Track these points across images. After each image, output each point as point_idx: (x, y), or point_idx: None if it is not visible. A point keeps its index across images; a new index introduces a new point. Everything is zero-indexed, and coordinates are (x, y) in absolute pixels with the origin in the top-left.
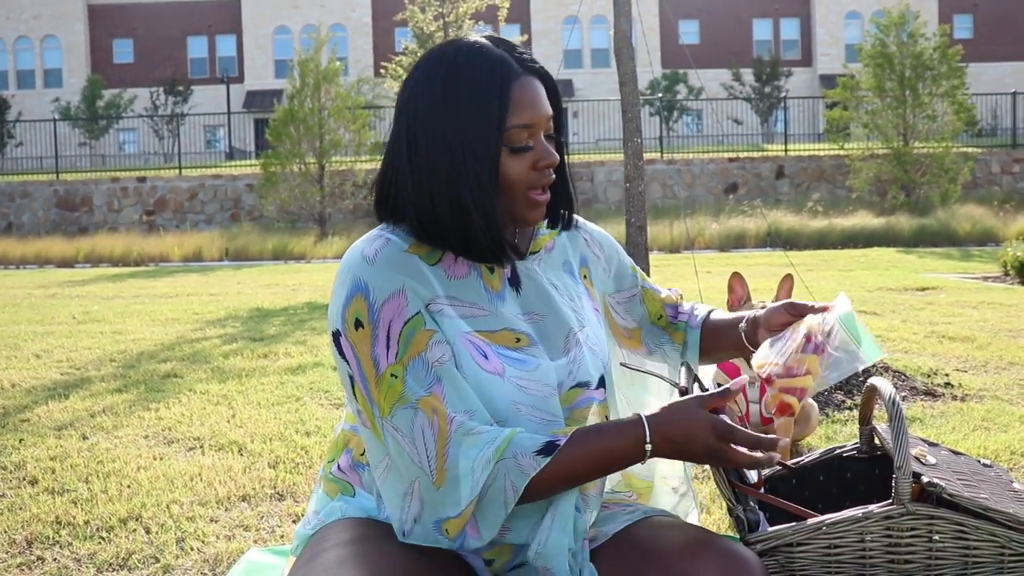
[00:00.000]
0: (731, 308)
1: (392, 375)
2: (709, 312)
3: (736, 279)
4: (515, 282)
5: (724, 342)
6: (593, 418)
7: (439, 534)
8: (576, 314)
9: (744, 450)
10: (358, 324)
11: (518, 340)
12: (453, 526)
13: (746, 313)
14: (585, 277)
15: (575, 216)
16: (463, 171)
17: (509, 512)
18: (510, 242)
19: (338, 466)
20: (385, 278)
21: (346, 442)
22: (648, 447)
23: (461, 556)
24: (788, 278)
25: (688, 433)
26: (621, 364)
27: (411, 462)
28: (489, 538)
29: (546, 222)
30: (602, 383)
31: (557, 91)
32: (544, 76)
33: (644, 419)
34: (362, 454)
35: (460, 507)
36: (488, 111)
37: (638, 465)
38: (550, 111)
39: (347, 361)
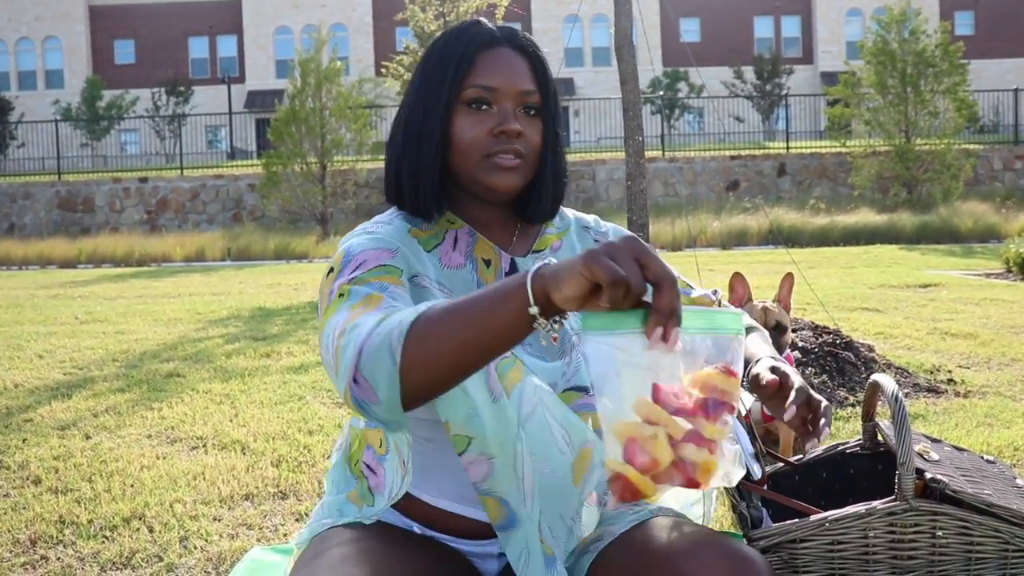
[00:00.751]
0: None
1: (340, 294)
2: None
3: (737, 279)
4: None
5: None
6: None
7: (352, 409)
8: (575, 316)
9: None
10: (331, 271)
11: None
12: (347, 395)
13: (753, 359)
14: None
15: (561, 207)
16: (416, 122)
17: (398, 365)
18: (432, 197)
19: (366, 465)
20: (376, 241)
21: (364, 438)
22: (530, 278)
23: (469, 559)
24: (788, 277)
25: (574, 258)
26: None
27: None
28: (388, 401)
29: (555, 221)
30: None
31: (548, 76)
32: (534, 58)
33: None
34: (380, 445)
35: (348, 368)
36: (448, 66)
37: None
38: (525, 86)
39: (319, 316)
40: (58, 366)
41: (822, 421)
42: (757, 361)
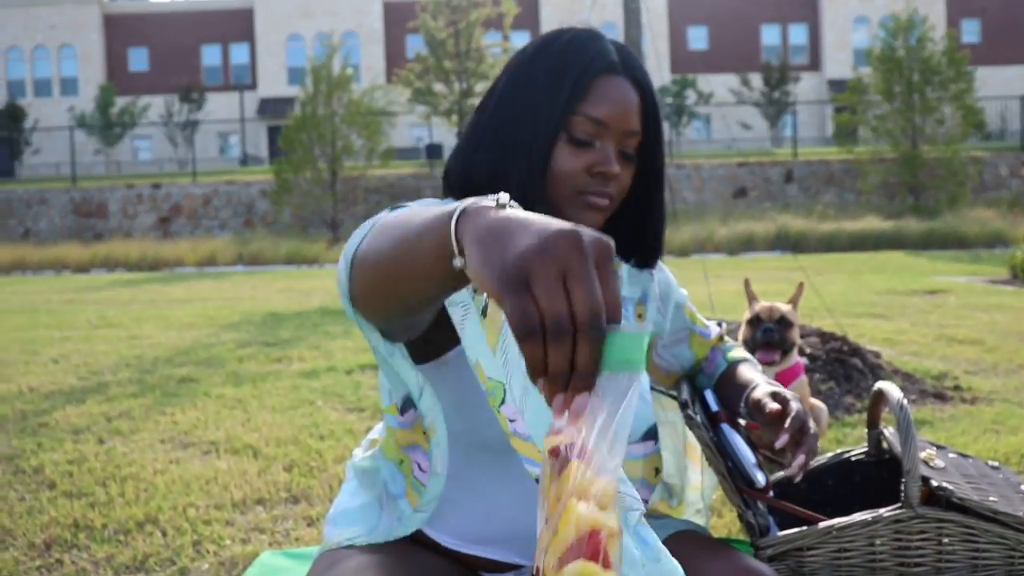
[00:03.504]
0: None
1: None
2: (729, 367)
3: (746, 285)
4: None
5: (731, 406)
6: (638, 473)
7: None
8: None
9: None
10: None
11: None
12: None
13: (753, 384)
14: (640, 316)
15: (658, 260)
16: (519, 139)
17: (349, 261)
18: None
19: (419, 466)
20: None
21: (410, 438)
22: (453, 223)
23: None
24: (801, 285)
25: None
26: None
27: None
28: (343, 293)
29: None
30: (651, 435)
31: (657, 114)
32: (647, 96)
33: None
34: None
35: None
36: (561, 86)
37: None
38: (633, 126)
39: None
40: (72, 371)
41: (800, 458)
42: (755, 387)
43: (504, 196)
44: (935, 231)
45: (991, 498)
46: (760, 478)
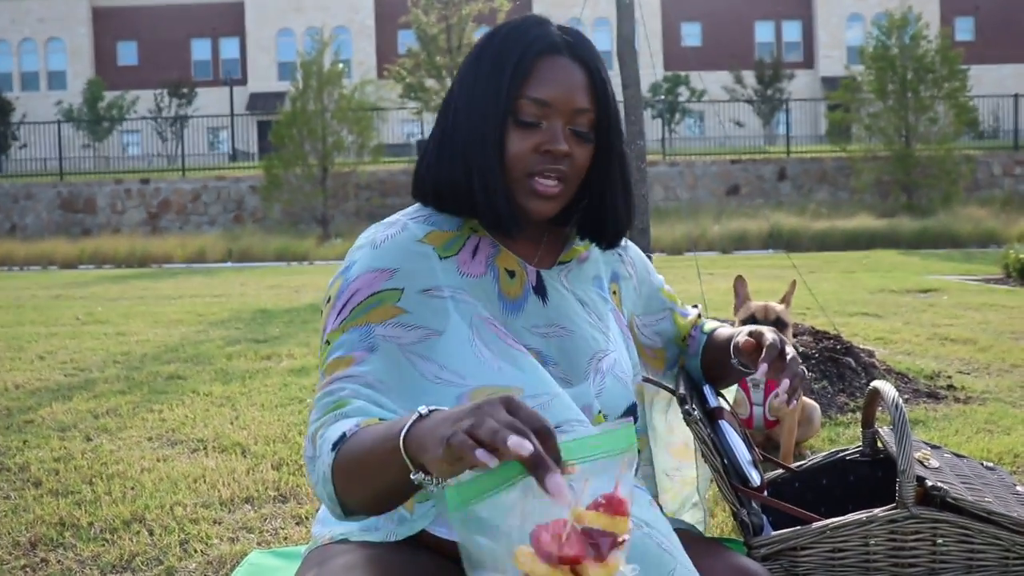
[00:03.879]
0: (737, 310)
1: (327, 341)
2: (708, 336)
3: (739, 282)
4: (541, 291)
5: (723, 370)
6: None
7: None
8: (603, 335)
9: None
10: (328, 299)
11: None
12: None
13: (735, 333)
14: (615, 294)
15: (623, 239)
16: (475, 132)
17: (337, 503)
18: (508, 210)
19: None
20: (377, 258)
21: None
22: (414, 417)
23: None
24: (793, 283)
25: (440, 418)
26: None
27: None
28: (342, 520)
29: (583, 240)
30: (630, 413)
31: (607, 91)
32: (594, 71)
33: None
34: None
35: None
36: (503, 73)
37: (670, 485)
38: (580, 103)
39: None
40: (59, 367)
41: (785, 382)
42: (735, 336)
43: (423, 408)
44: (928, 230)
45: (986, 499)
46: (755, 477)
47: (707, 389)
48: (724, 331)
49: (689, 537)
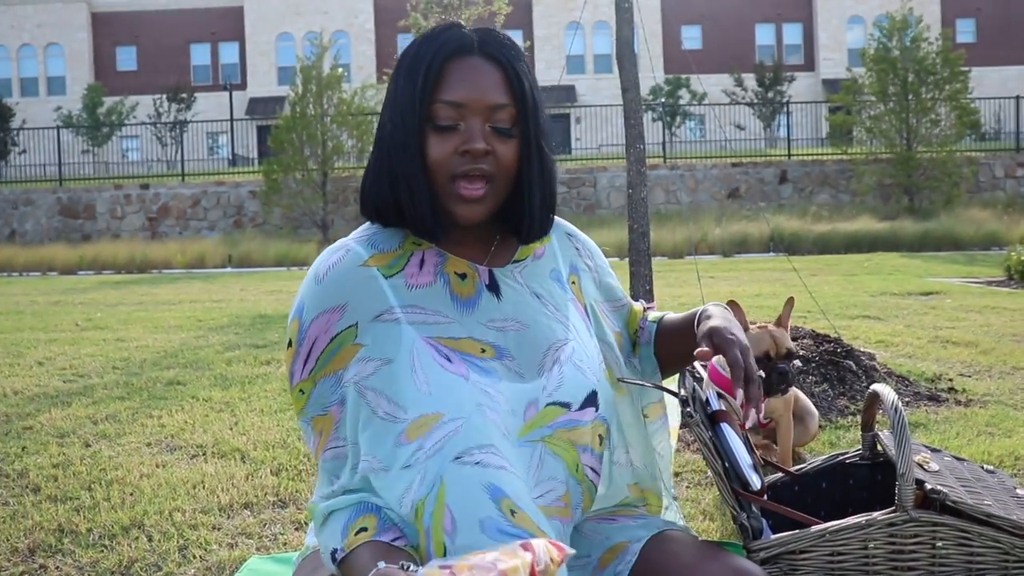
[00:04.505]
0: None
1: (300, 391)
2: (657, 324)
3: (735, 308)
4: (494, 288)
5: (680, 351)
6: (586, 440)
7: None
8: (561, 325)
9: None
10: (289, 343)
11: (483, 351)
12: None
13: (696, 313)
14: (574, 284)
15: (547, 227)
16: (395, 140)
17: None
18: (432, 218)
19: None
20: (325, 296)
21: None
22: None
23: None
24: (790, 301)
25: None
26: (618, 379)
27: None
28: None
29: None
30: (591, 402)
31: (524, 86)
32: (508, 68)
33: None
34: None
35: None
36: (415, 81)
37: (648, 475)
38: (495, 99)
39: None
40: (58, 373)
41: (752, 414)
42: (703, 321)
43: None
44: (930, 232)
45: (986, 502)
46: (755, 480)
47: (710, 393)
48: (673, 317)
49: (686, 538)
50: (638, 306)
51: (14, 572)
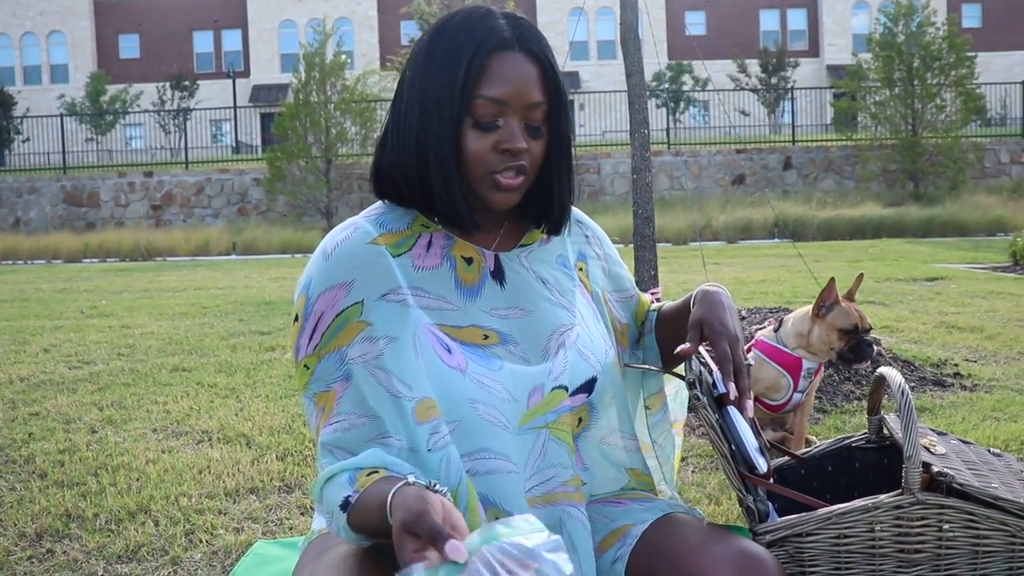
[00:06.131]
0: (815, 312)
1: (305, 366)
2: (658, 311)
3: (829, 287)
4: (499, 275)
5: (680, 338)
6: (568, 426)
7: None
8: (566, 311)
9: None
10: (296, 318)
11: (486, 337)
12: None
13: (691, 296)
14: (581, 271)
15: (569, 218)
16: (430, 131)
17: (363, 541)
18: (468, 212)
19: None
20: (332, 272)
21: None
22: (390, 501)
23: None
24: (859, 277)
25: (420, 498)
26: (624, 365)
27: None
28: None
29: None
30: (587, 388)
31: (559, 82)
32: (546, 66)
33: (405, 479)
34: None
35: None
36: (455, 72)
37: (641, 461)
38: (534, 98)
39: None
40: (64, 360)
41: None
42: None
43: (411, 477)
44: (935, 218)
45: (992, 484)
46: (762, 464)
47: (716, 375)
48: (671, 307)
49: (693, 520)
50: (647, 297)
51: (22, 557)
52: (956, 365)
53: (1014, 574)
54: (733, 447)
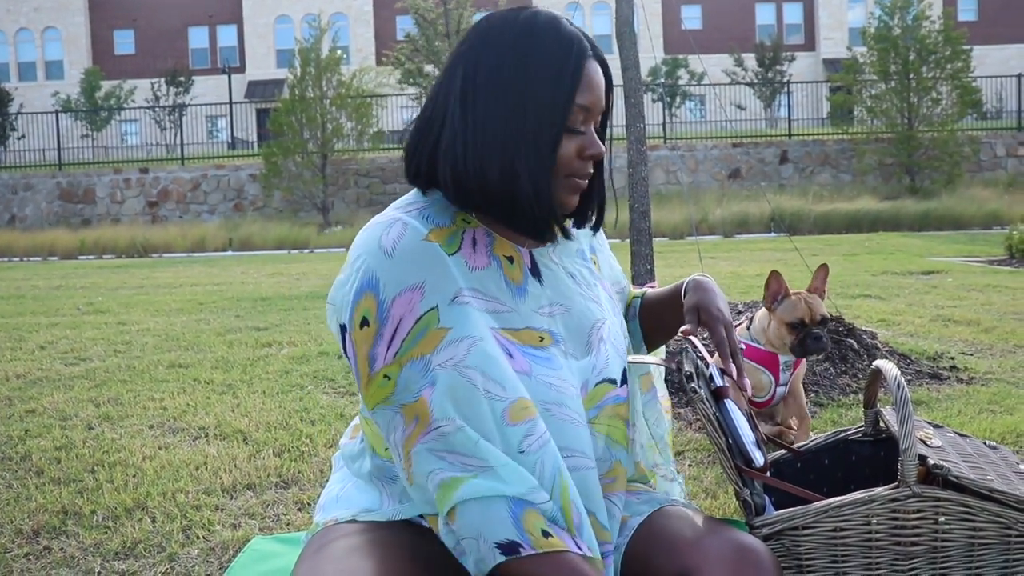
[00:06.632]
0: (767, 305)
1: (385, 376)
2: (642, 297)
3: (774, 278)
4: (536, 272)
5: (665, 323)
6: (615, 417)
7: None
8: (596, 304)
9: None
10: (364, 322)
11: (541, 339)
12: (431, 520)
13: (681, 285)
14: (595, 263)
15: (602, 219)
16: (523, 135)
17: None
18: (560, 220)
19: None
20: (402, 272)
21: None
22: None
23: None
24: (823, 267)
25: None
26: (630, 360)
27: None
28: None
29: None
30: (624, 380)
31: (611, 88)
32: (608, 73)
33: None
34: (385, 449)
35: (432, 510)
36: (562, 80)
37: (644, 452)
38: (604, 104)
39: (347, 356)
40: (60, 357)
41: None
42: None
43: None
44: (931, 211)
45: (988, 477)
46: (759, 457)
47: (713, 368)
48: (657, 290)
49: (690, 513)
50: (634, 289)
51: (19, 554)
52: (952, 358)
53: (1010, 566)
54: (730, 440)
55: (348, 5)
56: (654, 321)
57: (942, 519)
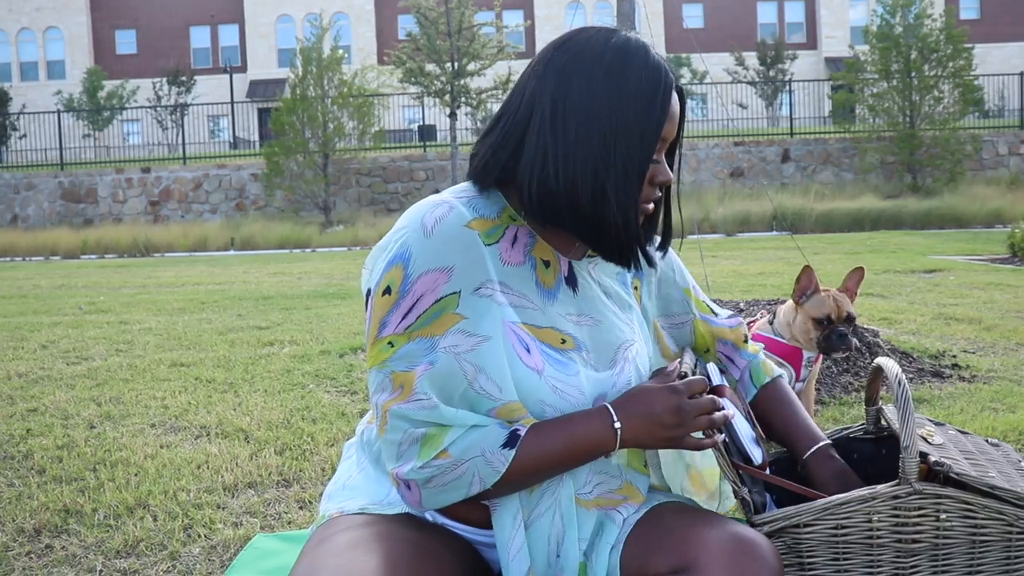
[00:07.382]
0: (795, 299)
1: (390, 342)
2: (765, 386)
3: (805, 272)
4: (572, 281)
5: (768, 435)
6: None
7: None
8: (628, 326)
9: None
10: (387, 291)
11: (563, 341)
12: (393, 479)
13: (809, 437)
14: (636, 289)
15: (669, 241)
16: (614, 161)
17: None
18: (644, 247)
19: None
20: (435, 252)
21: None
22: (617, 426)
23: (475, 547)
24: (858, 270)
25: (648, 401)
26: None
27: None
28: (428, 509)
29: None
30: None
31: (685, 116)
32: (685, 101)
33: (607, 404)
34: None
35: (395, 467)
36: (652, 112)
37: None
38: (676, 133)
39: (366, 316)
40: (62, 356)
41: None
42: (811, 452)
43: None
44: (933, 210)
45: (990, 474)
46: (758, 454)
47: (710, 367)
48: (782, 411)
49: (690, 507)
50: (717, 324)
51: (20, 552)
52: (954, 356)
53: (1011, 563)
54: (728, 439)
55: (350, 4)
56: (765, 421)
57: (943, 516)
